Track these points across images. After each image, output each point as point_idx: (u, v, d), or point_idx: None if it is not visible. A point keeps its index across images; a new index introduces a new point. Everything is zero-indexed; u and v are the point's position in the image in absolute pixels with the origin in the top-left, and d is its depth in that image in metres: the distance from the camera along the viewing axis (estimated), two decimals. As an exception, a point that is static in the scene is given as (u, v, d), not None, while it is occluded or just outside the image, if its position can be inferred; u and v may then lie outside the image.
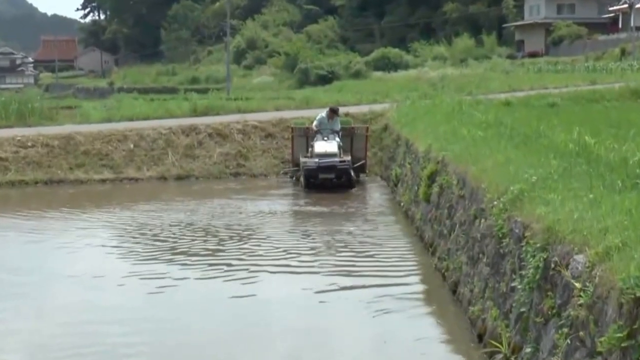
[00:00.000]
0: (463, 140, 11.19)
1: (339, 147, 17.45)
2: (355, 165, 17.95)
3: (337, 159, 17.02)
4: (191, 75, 69.11)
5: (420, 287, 9.78)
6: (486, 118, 13.55)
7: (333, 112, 17.98)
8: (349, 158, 17.48)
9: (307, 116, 21.41)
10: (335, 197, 16.44)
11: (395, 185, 16.46)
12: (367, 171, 19.25)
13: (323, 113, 18.12)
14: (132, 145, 20.29)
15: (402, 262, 10.90)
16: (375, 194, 17.63)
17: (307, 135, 18.51)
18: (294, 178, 18.77)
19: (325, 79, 48.67)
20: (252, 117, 22.26)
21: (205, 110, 24.29)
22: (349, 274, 10.10)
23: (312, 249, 11.56)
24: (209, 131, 20.99)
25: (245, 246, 11.77)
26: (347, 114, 20.37)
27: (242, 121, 21.57)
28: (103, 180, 19.27)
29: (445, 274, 9.64)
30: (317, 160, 16.94)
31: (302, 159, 17.79)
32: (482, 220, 8.03)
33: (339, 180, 17.17)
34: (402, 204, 14.84)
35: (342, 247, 11.70)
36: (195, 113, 24.05)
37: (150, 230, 13.20)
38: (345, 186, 17.20)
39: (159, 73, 74.83)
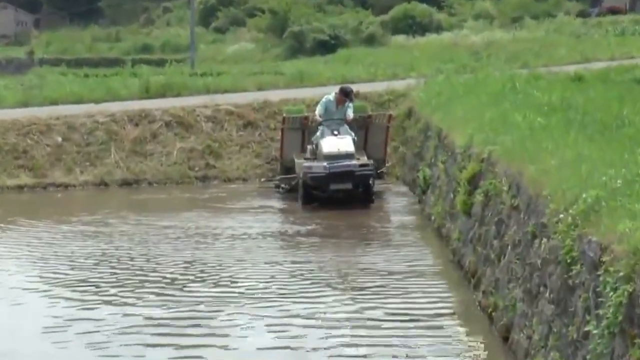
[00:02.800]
0: (517, 130, 11.21)
1: (355, 145, 17.17)
2: (378, 170, 17.78)
3: (354, 162, 16.76)
4: (141, 41, 69.15)
5: (459, 333, 9.78)
6: (549, 99, 13.57)
7: (344, 95, 17.51)
8: (370, 161, 17.25)
9: (301, 97, 21.43)
10: (341, 211, 16.47)
11: (424, 192, 16.48)
12: (385, 175, 19.15)
13: (330, 96, 17.79)
14: (59, 139, 20.32)
15: (433, 301, 10.93)
16: (396, 205, 17.64)
17: (303, 128, 18.40)
18: (283, 188, 18.58)
19: (326, 46, 48.72)
20: (226, 100, 22.29)
21: (161, 90, 24.30)
22: (363, 326, 10.05)
23: (315, 302, 11.16)
24: (167, 119, 21.02)
25: (220, 309, 10.82)
26: (357, 94, 20.31)
27: (212, 105, 21.60)
28: (20, 187, 19.30)
29: (493, 314, 9.66)
30: (326, 164, 16.62)
31: (298, 162, 17.60)
32: (544, 240, 8.05)
33: (355, 190, 17.01)
34: (432, 217, 14.86)
35: (356, 291, 11.52)
36: (147, 94, 24.05)
37: (77, 266, 13.00)
38: (361, 199, 17.04)
39: (97, 39, 74.82)
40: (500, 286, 9.66)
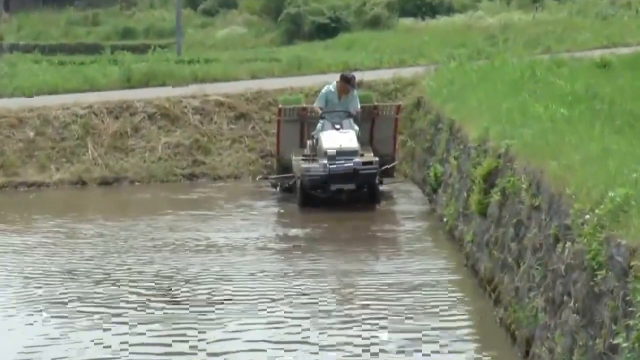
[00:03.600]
0: (537, 122, 11.21)
1: (359, 140, 17.11)
2: (383, 167, 17.68)
3: (358, 160, 16.69)
4: (122, 25, 69.00)
5: (474, 347, 9.78)
6: (572, 88, 13.57)
7: (346, 83, 17.51)
8: (376, 158, 17.12)
9: (299, 86, 21.40)
10: (343, 214, 16.47)
11: (435, 191, 16.49)
12: (394, 172, 19.06)
13: (330, 86, 17.73)
14: (32, 134, 20.32)
15: (444, 313, 10.93)
16: (404, 206, 17.63)
17: (302, 120, 18.34)
18: (280, 187, 18.54)
19: (326, 30, 48.67)
20: (216, 89, 22.27)
21: (143, 79, 24.32)
22: (375, 353, 9.97)
23: (317, 318, 11.05)
24: (151, 111, 21.02)
25: (209, 334, 10.51)
26: (360, 83, 20.30)
27: (201, 95, 21.59)
28: (-12, 187, 19.34)
29: (512, 325, 9.66)
30: (325, 162, 16.53)
31: (296, 159, 17.47)
32: (568, 244, 8.04)
33: (359, 190, 16.99)
34: (444, 219, 14.87)
35: (362, 309, 11.34)
36: (128, 83, 24.08)
37: (46, 280, 12.74)
38: (365, 200, 17.02)
39: (73, 23, 74.68)
40: (519, 295, 9.66)
